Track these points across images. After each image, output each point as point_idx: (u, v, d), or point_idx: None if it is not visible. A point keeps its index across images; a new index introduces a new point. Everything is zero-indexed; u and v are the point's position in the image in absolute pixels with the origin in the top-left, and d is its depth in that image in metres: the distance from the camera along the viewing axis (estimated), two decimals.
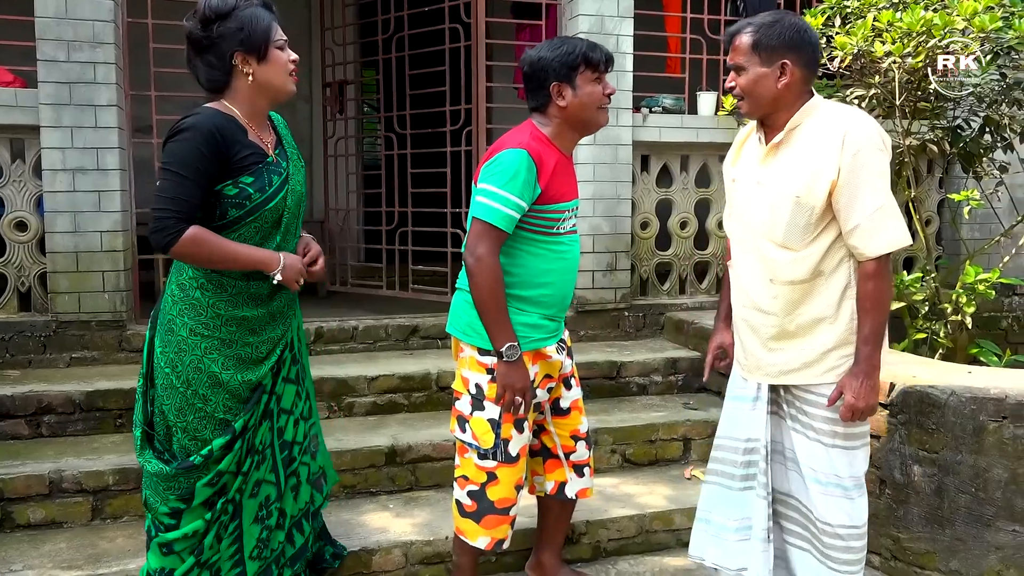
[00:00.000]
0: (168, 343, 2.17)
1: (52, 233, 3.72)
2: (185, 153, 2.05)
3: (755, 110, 2.19)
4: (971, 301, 3.60)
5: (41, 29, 3.64)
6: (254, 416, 2.23)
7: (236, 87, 2.16)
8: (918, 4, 3.33)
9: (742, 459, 2.35)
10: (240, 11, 2.10)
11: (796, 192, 2.11)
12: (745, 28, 2.15)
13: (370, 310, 4.64)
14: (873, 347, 2.14)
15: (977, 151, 3.96)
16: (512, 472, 2.46)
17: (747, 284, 2.28)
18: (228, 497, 2.21)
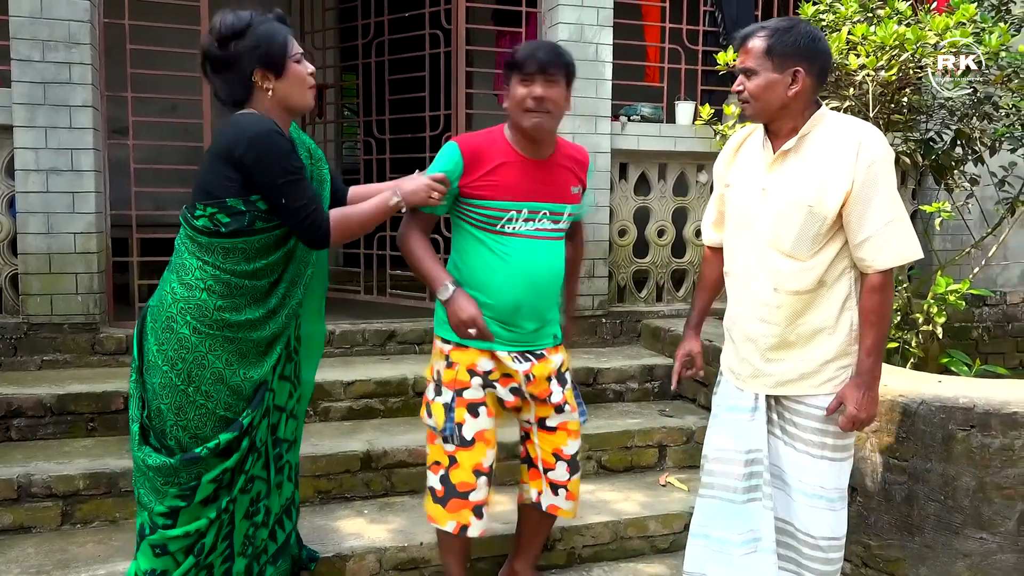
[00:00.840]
0: (167, 341, 2.15)
1: (24, 234, 3.68)
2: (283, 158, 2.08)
3: (760, 116, 2.17)
4: (942, 311, 3.66)
5: (16, 28, 3.60)
6: (259, 412, 2.24)
7: (256, 101, 2.16)
8: (891, 19, 3.38)
9: (744, 471, 2.30)
10: (256, 28, 2.11)
11: (808, 202, 2.11)
12: (759, 32, 2.13)
13: (348, 315, 4.62)
14: (875, 359, 2.15)
15: (949, 163, 4.03)
16: (469, 456, 2.49)
17: (748, 293, 2.27)
18: (232, 496, 2.21)
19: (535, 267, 2.48)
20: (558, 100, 2.39)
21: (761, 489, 2.28)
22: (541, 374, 2.57)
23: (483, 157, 2.43)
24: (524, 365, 2.53)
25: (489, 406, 2.54)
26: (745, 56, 2.15)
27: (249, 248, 2.15)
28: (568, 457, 2.66)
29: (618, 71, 4.53)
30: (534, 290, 2.48)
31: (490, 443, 2.54)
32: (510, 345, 2.51)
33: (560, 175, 2.53)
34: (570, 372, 2.70)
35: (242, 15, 2.12)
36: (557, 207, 2.50)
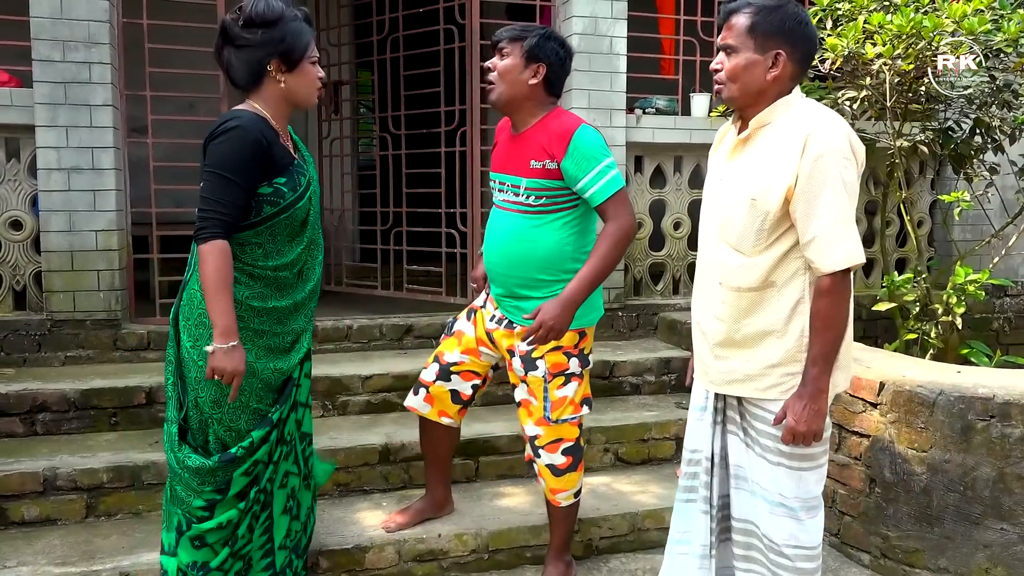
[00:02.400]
0: (200, 336, 2.20)
1: (47, 232, 3.73)
2: (234, 156, 2.10)
3: (736, 99, 2.05)
4: (961, 302, 3.63)
5: (37, 29, 3.65)
6: (287, 407, 2.30)
7: (265, 90, 2.22)
8: (908, 7, 3.36)
9: (686, 469, 2.26)
10: (286, 22, 2.17)
11: (752, 194, 2.00)
12: (744, 7, 2.00)
13: (365, 310, 4.65)
14: (821, 369, 1.99)
15: (968, 153, 3.99)
16: (444, 342, 2.86)
17: (701, 286, 2.20)
18: (260, 487, 2.27)
19: (493, 234, 2.69)
20: (503, 71, 2.52)
21: (698, 491, 2.21)
22: (500, 341, 2.72)
23: (499, 134, 2.76)
24: (491, 324, 2.73)
25: (476, 317, 2.81)
26: (727, 32, 2.02)
27: (266, 243, 2.21)
28: (528, 438, 2.71)
29: (633, 64, 4.53)
30: (490, 254, 2.69)
31: (461, 344, 2.80)
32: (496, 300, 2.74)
33: (525, 149, 2.57)
34: (545, 363, 2.59)
35: (275, 6, 2.16)
36: (514, 180, 2.59)
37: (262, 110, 2.22)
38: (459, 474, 3.38)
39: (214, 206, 2.09)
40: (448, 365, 2.80)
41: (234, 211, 2.12)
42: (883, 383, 2.92)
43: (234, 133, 2.09)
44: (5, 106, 3.70)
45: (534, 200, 2.55)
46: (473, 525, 2.99)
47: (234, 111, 2.19)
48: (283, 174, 2.20)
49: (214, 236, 2.10)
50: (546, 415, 2.63)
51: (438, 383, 2.80)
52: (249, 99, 2.23)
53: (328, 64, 5.46)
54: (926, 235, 5.19)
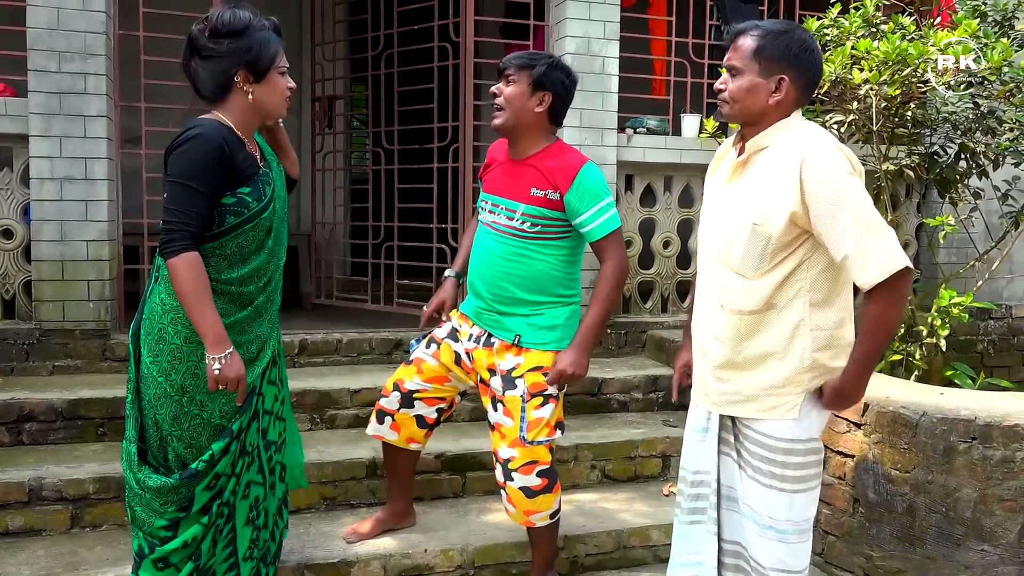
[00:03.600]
0: (160, 352, 2.16)
1: (38, 241, 3.73)
2: (195, 164, 2.06)
3: (737, 119, 2.08)
4: (945, 324, 3.67)
5: (33, 39, 3.67)
6: (247, 416, 2.26)
7: (232, 100, 2.20)
8: (894, 34, 3.42)
9: (689, 491, 2.25)
10: (252, 32, 2.15)
11: (753, 219, 2.01)
12: (752, 30, 2.03)
13: (355, 323, 4.66)
14: (860, 370, 2.00)
15: (952, 177, 4.05)
16: (402, 370, 2.86)
17: (702, 308, 2.21)
18: (223, 500, 2.23)
19: (481, 251, 2.73)
20: (509, 97, 2.59)
21: (706, 512, 2.20)
22: (479, 359, 2.73)
23: (493, 156, 2.82)
24: (471, 344, 2.75)
25: (440, 349, 2.81)
26: (733, 53, 2.05)
27: (229, 254, 2.17)
28: (501, 460, 2.67)
29: (625, 84, 4.58)
30: (473, 270, 2.76)
31: (423, 373, 2.81)
32: (474, 319, 2.78)
33: (526, 175, 2.63)
34: (524, 382, 2.63)
35: (242, 16, 2.15)
36: (511, 204, 2.64)
37: (226, 120, 2.19)
38: (446, 489, 3.39)
39: (180, 216, 2.05)
40: (410, 392, 2.80)
41: (199, 220, 2.08)
42: (867, 404, 2.95)
43: (195, 142, 2.06)
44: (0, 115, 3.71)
45: (528, 226, 2.61)
46: (459, 541, 2.99)
47: (197, 120, 2.15)
48: (247, 183, 2.16)
49: (183, 248, 2.05)
50: (521, 435, 2.62)
51: (402, 411, 2.82)
52: (215, 110, 2.20)
53: (322, 79, 5.50)
54: (912, 257, 5.25)
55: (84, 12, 3.71)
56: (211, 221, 2.14)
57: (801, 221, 1.97)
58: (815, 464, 2.13)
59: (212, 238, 2.15)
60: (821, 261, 2.03)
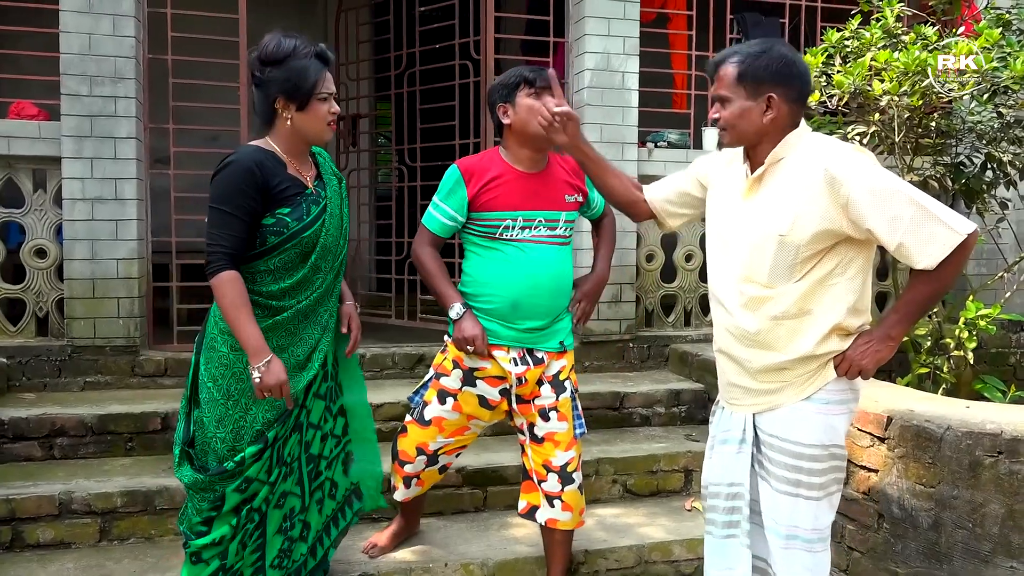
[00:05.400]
0: (211, 360, 2.28)
1: (70, 260, 3.84)
2: (228, 189, 2.18)
3: (738, 143, 2.11)
4: (972, 337, 3.62)
5: (65, 64, 3.79)
6: (285, 427, 2.33)
7: (278, 125, 2.29)
8: (915, 44, 3.40)
9: (725, 504, 2.24)
10: (292, 60, 2.21)
11: (779, 230, 2.02)
12: (730, 57, 2.05)
13: (380, 339, 4.71)
14: (900, 318, 2.03)
15: (979, 188, 4.00)
16: (419, 433, 2.75)
17: (730, 320, 2.20)
18: (254, 506, 2.30)
19: (532, 268, 2.64)
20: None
21: (740, 525, 2.20)
22: (532, 377, 2.70)
23: (480, 172, 2.66)
24: (520, 368, 2.68)
25: (460, 401, 2.72)
26: (718, 83, 2.07)
27: (274, 269, 2.27)
28: (558, 468, 2.69)
29: (645, 98, 4.59)
30: (532, 290, 2.64)
31: (444, 431, 2.74)
32: (508, 343, 2.67)
33: (555, 185, 2.69)
34: (571, 382, 2.75)
35: (286, 44, 2.22)
36: (552, 215, 2.67)
37: (272, 144, 2.29)
38: (467, 504, 3.40)
39: (217, 239, 2.18)
40: (435, 452, 2.80)
41: (235, 242, 2.19)
42: (891, 417, 2.92)
43: (229, 169, 2.19)
44: (34, 138, 3.83)
45: (568, 231, 2.74)
46: (480, 555, 3.00)
47: (240, 146, 2.30)
48: (288, 204, 2.25)
49: (221, 269, 2.18)
50: (579, 432, 2.75)
51: (427, 470, 2.83)
52: (267, 134, 2.31)
53: (347, 98, 5.59)
54: None
55: (114, 38, 3.82)
56: (253, 240, 2.24)
57: (838, 227, 1.97)
58: (839, 470, 2.14)
59: (256, 256, 2.26)
60: (855, 265, 2.04)
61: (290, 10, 6.26)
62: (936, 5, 4.00)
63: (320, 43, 2.31)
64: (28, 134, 3.83)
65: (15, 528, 2.97)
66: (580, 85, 4.49)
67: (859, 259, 2.04)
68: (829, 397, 2.11)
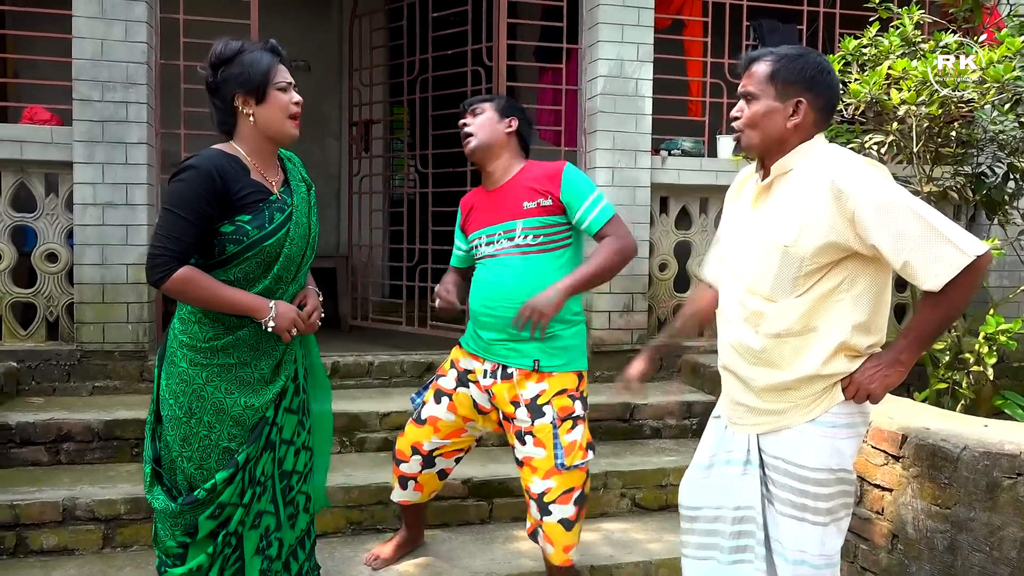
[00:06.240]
0: (171, 375, 2.20)
1: (81, 265, 3.85)
2: (184, 193, 2.10)
3: (756, 145, 2.03)
4: (992, 352, 3.53)
5: (78, 70, 3.80)
6: (256, 447, 2.24)
7: (240, 127, 2.22)
8: (934, 53, 3.32)
9: (732, 529, 2.16)
10: (243, 55, 2.18)
11: (784, 241, 1.96)
12: (766, 56, 2.00)
13: (390, 346, 4.69)
14: (909, 343, 1.95)
15: (1000, 199, 3.91)
16: (415, 432, 2.80)
17: (734, 335, 2.14)
18: (230, 530, 2.22)
19: (491, 279, 2.68)
20: (481, 124, 2.72)
21: (754, 550, 2.12)
22: (501, 394, 2.65)
23: (467, 202, 2.86)
24: (488, 380, 2.69)
25: (455, 402, 2.76)
26: (748, 80, 2.01)
27: (234, 280, 2.17)
28: (535, 496, 2.60)
29: (659, 105, 4.54)
30: (490, 300, 2.66)
31: (440, 431, 2.77)
32: (485, 352, 2.71)
33: (513, 195, 2.67)
34: (553, 408, 2.60)
35: (234, 44, 2.19)
36: (507, 225, 2.65)
37: (237, 148, 2.21)
38: (472, 516, 3.36)
39: (164, 242, 2.09)
40: (430, 453, 2.79)
41: (183, 247, 2.10)
42: (905, 435, 2.84)
43: (187, 172, 2.11)
44: (46, 143, 3.84)
45: (532, 239, 2.62)
46: (484, 569, 2.96)
47: (202, 151, 2.20)
48: (248, 211, 2.16)
49: (173, 269, 2.08)
50: (559, 463, 2.57)
51: (424, 472, 2.82)
52: (232, 141, 2.23)
53: (360, 103, 5.58)
54: None
55: (126, 43, 3.83)
56: (212, 250, 2.16)
57: (845, 240, 1.91)
58: (848, 495, 2.07)
59: (216, 266, 2.17)
60: (862, 281, 1.98)
61: (303, 15, 6.27)
62: (957, 12, 3.92)
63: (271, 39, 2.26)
64: (40, 139, 3.84)
65: (19, 534, 2.97)
66: (593, 92, 4.44)
67: (866, 276, 1.97)
68: (836, 420, 2.04)
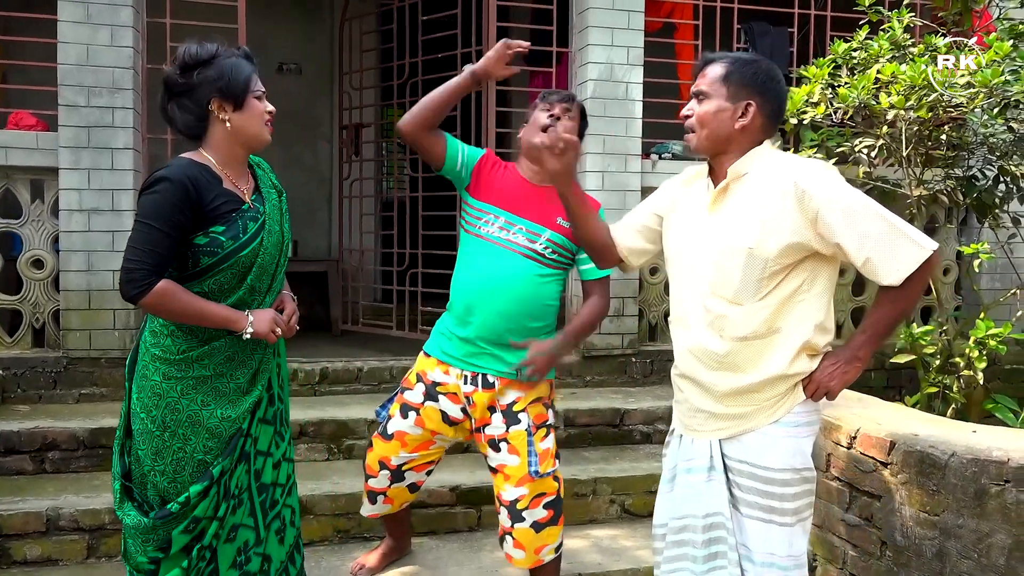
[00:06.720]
0: (143, 388, 2.15)
1: (67, 271, 3.82)
2: (158, 205, 2.04)
3: (704, 145, 2.07)
4: (982, 356, 3.52)
5: (63, 75, 3.77)
6: (231, 459, 2.20)
7: (212, 133, 2.16)
8: (923, 56, 3.31)
9: (703, 537, 2.14)
10: (221, 59, 2.12)
11: (747, 243, 1.99)
12: (721, 59, 2.07)
13: (380, 350, 4.67)
14: (867, 339, 2.03)
15: (991, 202, 3.90)
16: (383, 447, 2.72)
17: (694, 341, 2.13)
18: (204, 543, 2.18)
19: (493, 269, 2.56)
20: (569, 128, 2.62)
21: (727, 556, 2.11)
22: (481, 401, 2.59)
23: (495, 162, 2.71)
24: (468, 387, 2.60)
25: (422, 416, 2.66)
26: (701, 79, 2.07)
27: (209, 292, 2.14)
28: (507, 503, 2.58)
29: (650, 109, 4.53)
30: (487, 295, 2.56)
31: (407, 446, 2.69)
32: (463, 362, 2.60)
33: (548, 202, 2.59)
34: (528, 416, 2.59)
35: (208, 46, 2.13)
36: (536, 227, 2.58)
37: (207, 156, 2.16)
38: (460, 523, 3.34)
39: (141, 256, 2.04)
40: (398, 467, 2.73)
41: (159, 260, 2.05)
42: (894, 442, 2.83)
43: (160, 184, 2.05)
44: (31, 149, 3.82)
45: (549, 253, 2.60)
46: None
47: (171, 161, 2.14)
48: (222, 222, 2.12)
49: (152, 283, 2.03)
50: (533, 470, 2.57)
51: (393, 486, 2.76)
52: (200, 148, 2.17)
53: (350, 107, 5.56)
54: (952, 283, 5.07)
55: (113, 48, 3.81)
56: (186, 263, 2.12)
57: (806, 241, 1.96)
58: (811, 494, 2.10)
59: (190, 279, 2.12)
60: (820, 281, 2.04)
61: (294, 18, 6.25)
62: (947, 16, 3.91)
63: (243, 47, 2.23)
64: (26, 145, 3.82)
65: (2, 544, 2.94)
66: (583, 95, 4.43)
67: (824, 275, 2.04)
68: (799, 419, 2.08)
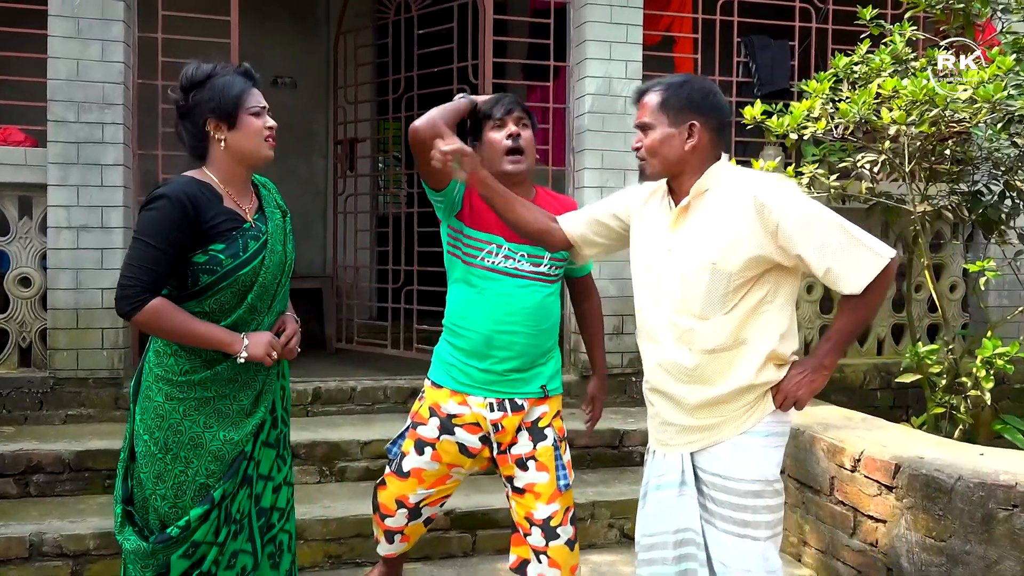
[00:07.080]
0: (146, 410, 2.13)
1: (54, 290, 3.76)
2: (155, 223, 2.04)
3: (659, 171, 2.11)
4: (990, 376, 3.43)
5: (53, 91, 3.73)
6: (233, 483, 2.16)
7: (212, 153, 2.17)
8: (925, 71, 3.25)
9: (674, 554, 2.13)
10: (215, 79, 2.12)
11: (711, 259, 2.02)
12: (654, 87, 2.12)
13: (375, 369, 4.59)
14: (832, 346, 2.08)
15: (996, 217, 3.84)
16: (398, 485, 2.60)
17: (662, 355, 2.12)
18: (203, 569, 2.14)
19: (508, 301, 2.50)
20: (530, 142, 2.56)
21: (698, 572, 2.09)
22: (511, 425, 2.52)
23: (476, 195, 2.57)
24: (496, 414, 2.51)
25: (439, 450, 2.55)
26: (641, 111, 2.12)
27: (208, 312, 2.11)
28: (540, 522, 2.51)
29: None
30: (506, 325, 2.49)
31: (425, 482, 2.59)
32: (485, 389, 2.50)
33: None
34: (554, 430, 2.55)
35: (205, 66, 2.13)
36: (535, 250, 2.51)
37: (209, 174, 2.16)
38: (455, 548, 3.26)
39: (136, 273, 2.04)
40: (417, 504, 2.64)
41: (155, 277, 2.05)
42: (899, 465, 2.75)
43: (159, 202, 2.06)
44: (19, 165, 3.77)
45: (553, 270, 2.57)
46: None
47: (171, 178, 2.15)
48: (221, 240, 2.10)
49: (145, 300, 2.03)
50: (563, 483, 2.54)
51: (411, 524, 2.68)
52: (203, 166, 2.18)
53: (344, 121, 5.51)
54: (959, 300, 4.99)
55: (103, 63, 3.76)
56: (185, 281, 2.10)
57: (768, 253, 2.00)
58: (781, 508, 2.11)
59: (189, 298, 2.10)
60: (783, 292, 2.08)
61: (289, 32, 6.21)
62: (949, 29, 3.85)
63: (244, 63, 2.21)
64: (14, 161, 3.77)
65: None
66: (581, 110, 4.38)
67: (786, 286, 2.08)
68: (769, 429, 2.09)
